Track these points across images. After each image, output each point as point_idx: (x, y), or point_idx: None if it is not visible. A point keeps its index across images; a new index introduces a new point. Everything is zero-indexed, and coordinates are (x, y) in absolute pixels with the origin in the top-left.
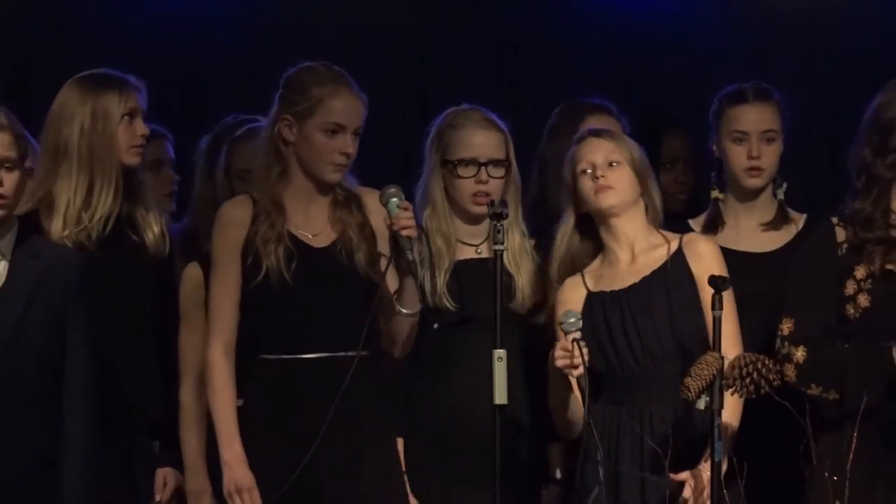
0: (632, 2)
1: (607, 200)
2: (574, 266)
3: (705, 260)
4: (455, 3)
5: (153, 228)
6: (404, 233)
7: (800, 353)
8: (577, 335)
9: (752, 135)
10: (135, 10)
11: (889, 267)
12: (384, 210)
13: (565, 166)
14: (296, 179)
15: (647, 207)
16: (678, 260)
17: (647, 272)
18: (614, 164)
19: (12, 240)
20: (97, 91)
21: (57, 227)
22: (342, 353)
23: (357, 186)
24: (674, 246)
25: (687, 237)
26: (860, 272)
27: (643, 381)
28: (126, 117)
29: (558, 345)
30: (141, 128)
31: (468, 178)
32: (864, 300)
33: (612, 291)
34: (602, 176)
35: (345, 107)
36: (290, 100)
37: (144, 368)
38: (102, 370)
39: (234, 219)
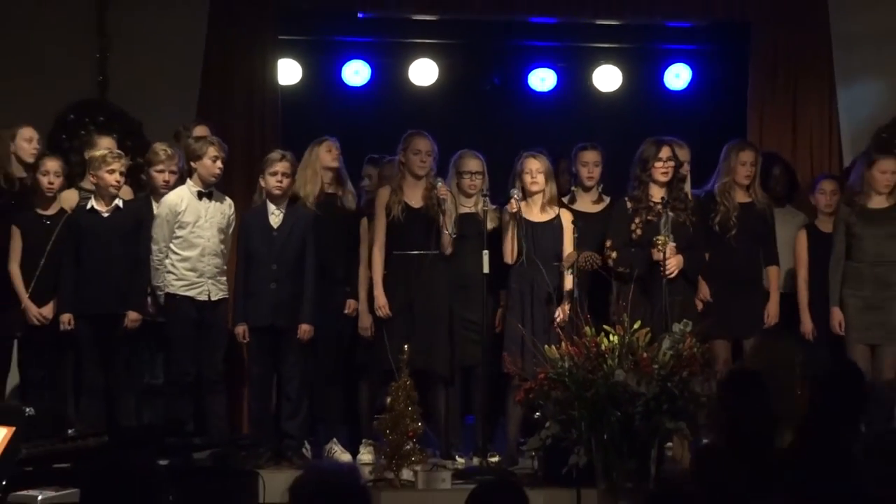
0: (541, 101)
1: (534, 188)
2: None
3: (567, 221)
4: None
5: (349, 201)
6: (439, 195)
7: (614, 254)
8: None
9: (590, 163)
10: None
11: (649, 218)
12: (440, 189)
13: (518, 169)
14: (408, 177)
15: (546, 192)
16: (557, 219)
17: (544, 220)
18: (538, 171)
19: (286, 204)
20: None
21: (303, 200)
22: (424, 252)
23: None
24: (555, 213)
25: (562, 210)
26: (636, 220)
27: (536, 268)
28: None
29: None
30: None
31: (471, 182)
32: (638, 231)
33: (529, 220)
34: (534, 178)
35: (416, 142)
36: (401, 146)
37: (338, 258)
38: (319, 262)
39: (384, 196)
